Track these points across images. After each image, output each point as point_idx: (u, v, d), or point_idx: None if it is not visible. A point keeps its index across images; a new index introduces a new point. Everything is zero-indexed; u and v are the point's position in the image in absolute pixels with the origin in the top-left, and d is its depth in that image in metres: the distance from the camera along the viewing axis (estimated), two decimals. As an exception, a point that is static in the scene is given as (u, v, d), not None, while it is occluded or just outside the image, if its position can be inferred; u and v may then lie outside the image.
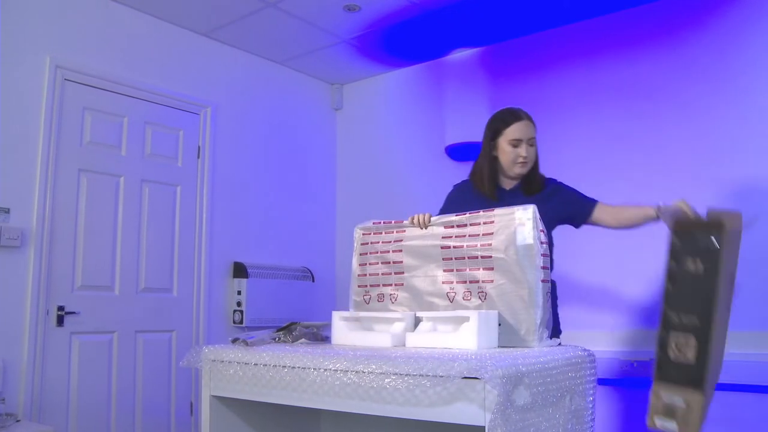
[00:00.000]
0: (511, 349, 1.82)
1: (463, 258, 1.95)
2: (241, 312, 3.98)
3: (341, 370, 1.67)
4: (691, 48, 3.40)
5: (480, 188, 2.42)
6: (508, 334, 1.89)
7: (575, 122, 3.75)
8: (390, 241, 2.12)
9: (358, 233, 2.23)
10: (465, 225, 1.98)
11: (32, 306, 3.12)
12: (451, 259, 1.98)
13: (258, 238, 4.25)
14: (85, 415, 3.28)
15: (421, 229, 2.07)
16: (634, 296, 3.42)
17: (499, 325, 1.89)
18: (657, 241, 3.35)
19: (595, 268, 3.53)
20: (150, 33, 3.76)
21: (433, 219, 2.07)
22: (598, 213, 2.39)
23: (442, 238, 2.01)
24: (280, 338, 2.21)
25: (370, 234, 2.19)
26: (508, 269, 1.88)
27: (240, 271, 4.03)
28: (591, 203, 2.40)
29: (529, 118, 2.41)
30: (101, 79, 3.50)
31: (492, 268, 1.90)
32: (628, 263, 3.44)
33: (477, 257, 1.92)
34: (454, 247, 1.97)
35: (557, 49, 3.88)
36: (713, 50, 3.33)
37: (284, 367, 1.81)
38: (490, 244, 1.90)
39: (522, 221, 1.87)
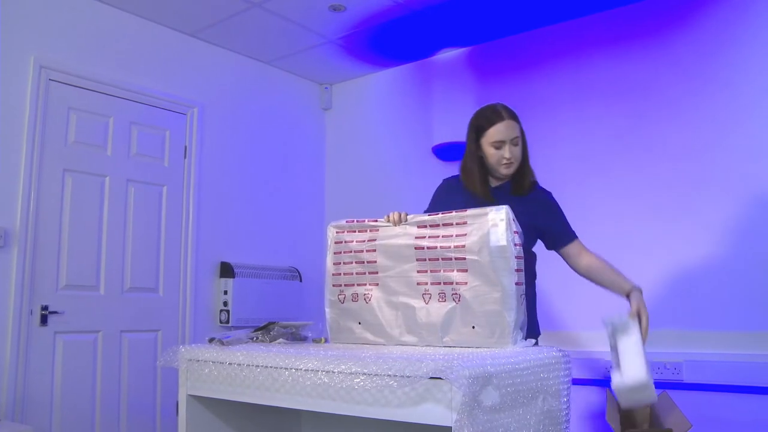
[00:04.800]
0: (485, 350, 1.82)
1: (437, 259, 1.94)
2: (228, 312, 3.98)
3: (312, 370, 1.67)
4: (678, 46, 3.41)
5: (473, 189, 2.33)
6: (482, 337, 1.89)
7: (563, 121, 3.75)
8: (364, 240, 2.10)
9: (331, 232, 2.19)
10: (438, 225, 1.96)
11: (15, 305, 3.12)
12: (425, 260, 1.97)
13: (245, 238, 4.25)
14: (69, 415, 3.28)
15: (395, 225, 2.06)
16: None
17: (473, 327, 1.89)
18: (652, 241, 3.37)
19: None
20: (136, 33, 3.76)
21: (408, 218, 2.06)
22: (573, 249, 2.31)
23: (416, 238, 1.99)
24: (257, 338, 2.21)
25: (344, 232, 2.16)
26: (481, 271, 1.87)
27: (226, 271, 4.03)
28: (569, 236, 2.33)
29: (512, 116, 2.29)
30: (86, 80, 3.50)
31: (466, 270, 1.89)
32: (620, 262, 3.44)
33: (451, 258, 1.91)
34: (428, 248, 1.96)
35: (544, 48, 3.89)
36: (701, 48, 3.34)
37: (257, 366, 1.81)
38: (464, 246, 1.89)
39: (495, 222, 1.85)
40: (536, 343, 2.17)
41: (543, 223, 2.31)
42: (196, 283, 3.93)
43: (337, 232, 2.18)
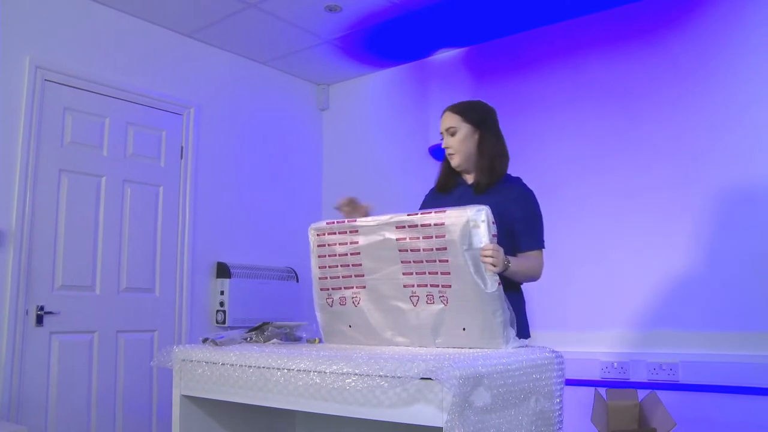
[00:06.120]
0: (476, 350, 1.82)
1: (421, 261, 1.89)
2: (224, 312, 3.97)
3: (304, 371, 1.67)
4: (673, 47, 3.41)
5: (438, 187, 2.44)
6: (474, 338, 1.88)
7: (559, 122, 3.75)
8: (346, 243, 2.05)
9: (312, 234, 2.15)
10: (416, 225, 1.88)
11: (11, 306, 3.12)
12: (410, 262, 1.92)
13: (241, 238, 4.24)
14: (65, 415, 3.28)
15: (341, 207, 2.13)
16: (618, 296, 3.43)
17: (463, 329, 1.88)
18: (648, 242, 3.37)
19: (584, 267, 3.54)
20: (132, 33, 3.76)
21: (385, 217, 1.96)
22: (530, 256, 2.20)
23: (397, 240, 1.93)
24: (251, 338, 2.21)
25: (324, 235, 2.11)
26: (465, 273, 1.83)
27: (223, 271, 4.03)
28: (533, 243, 2.19)
29: (455, 108, 2.33)
30: (82, 80, 3.49)
31: (449, 273, 1.85)
32: (615, 263, 3.45)
33: (435, 261, 1.87)
34: (411, 249, 1.91)
35: (540, 49, 3.89)
36: (695, 49, 3.34)
37: (250, 367, 1.81)
38: (446, 248, 1.84)
39: (476, 224, 1.80)
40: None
41: (510, 217, 2.15)
42: (192, 284, 3.92)
43: (318, 235, 2.12)
